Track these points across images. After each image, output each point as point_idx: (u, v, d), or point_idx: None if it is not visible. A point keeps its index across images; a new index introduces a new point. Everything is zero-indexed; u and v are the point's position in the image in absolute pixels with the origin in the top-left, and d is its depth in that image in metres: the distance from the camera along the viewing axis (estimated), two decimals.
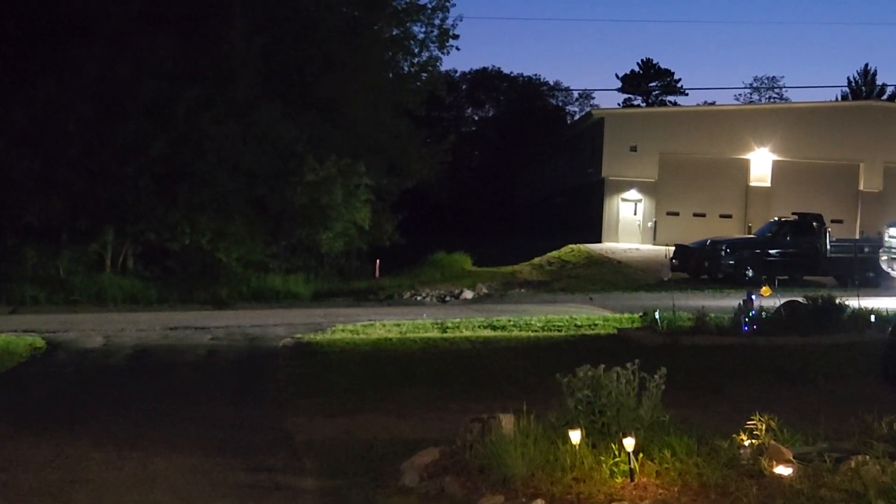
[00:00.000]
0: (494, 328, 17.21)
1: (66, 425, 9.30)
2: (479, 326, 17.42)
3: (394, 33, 40.77)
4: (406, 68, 42.13)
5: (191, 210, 29.90)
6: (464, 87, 70.17)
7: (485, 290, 28.61)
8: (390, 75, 40.94)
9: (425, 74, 42.48)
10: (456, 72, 68.00)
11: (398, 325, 17.78)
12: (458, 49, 51.84)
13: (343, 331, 16.87)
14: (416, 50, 41.51)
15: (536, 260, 39.03)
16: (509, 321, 18.21)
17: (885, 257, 21.86)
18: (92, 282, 27.52)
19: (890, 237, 22.20)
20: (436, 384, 11.29)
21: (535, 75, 74.42)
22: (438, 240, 40.61)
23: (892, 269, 21.74)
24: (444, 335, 16.26)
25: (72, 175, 28.26)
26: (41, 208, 27.83)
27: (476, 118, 73.89)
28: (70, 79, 27.86)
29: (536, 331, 16.75)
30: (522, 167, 65.12)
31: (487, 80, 71.54)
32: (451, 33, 41.23)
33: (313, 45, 34.60)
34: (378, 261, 31.12)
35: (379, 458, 7.57)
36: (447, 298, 26.82)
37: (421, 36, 41.26)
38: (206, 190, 30.14)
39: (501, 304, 24.75)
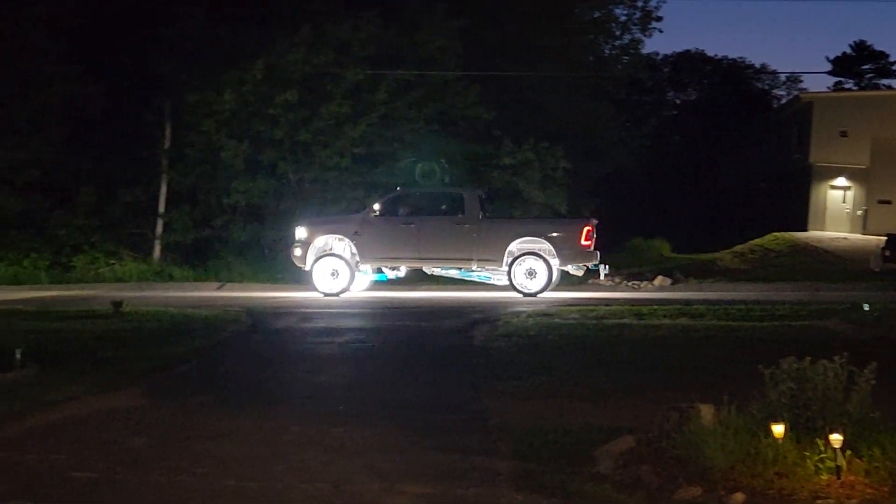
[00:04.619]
0: (692, 316, 16.79)
1: (266, 400, 9.59)
2: (675, 314, 17.04)
3: (595, 16, 40.37)
4: (607, 51, 41.69)
5: (389, 192, 30.42)
6: (665, 70, 68.87)
7: (682, 277, 28.06)
8: (591, 58, 40.57)
9: (626, 57, 41.95)
10: (658, 55, 66.75)
11: (594, 309, 17.59)
12: (660, 31, 50.91)
13: (538, 315, 16.79)
14: (618, 33, 41.01)
15: (738, 247, 38.12)
16: (707, 309, 17.73)
17: (297, 252, 22.80)
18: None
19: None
20: (631, 371, 11.11)
21: (741, 58, 72.20)
22: (636, 225, 40.11)
23: (297, 262, 22.91)
24: (641, 322, 15.98)
25: (277, 157, 29.30)
26: (247, 189, 28.96)
27: (678, 102, 72.45)
28: (277, 63, 28.83)
29: (736, 319, 16.25)
30: (724, 152, 63.60)
31: (690, 64, 70.00)
32: (654, 15, 40.57)
33: (512, 29, 34.59)
34: None
35: (573, 444, 7.49)
36: (643, 284, 26.43)
37: (623, 18, 40.75)
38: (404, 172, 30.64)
39: (699, 291, 24.21)
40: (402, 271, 23.35)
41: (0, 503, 6.04)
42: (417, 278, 24.63)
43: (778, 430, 6.58)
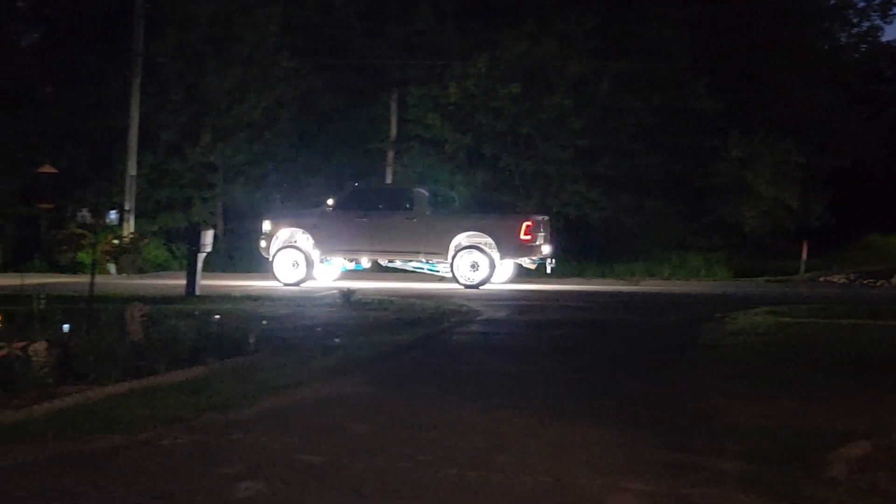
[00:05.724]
0: None
1: (487, 390, 9.62)
2: None
3: (831, 3, 38.82)
4: (843, 40, 39.97)
5: (610, 185, 30.25)
6: None
7: None
8: (825, 47, 39.04)
9: (864, 46, 40.11)
10: None
11: (825, 308, 16.92)
12: None
13: (766, 312, 16.27)
14: (856, 20, 39.24)
15: None
16: None
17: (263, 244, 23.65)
18: None
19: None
20: (865, 373, 10.58)
21: None
22: (873, 221, 38.35)
23: (263, 253, 23.94)
24: (877, 322, 15.24)
25: (499, 149, 29.61)
26: (470, 181, 29.47)
27: None
28: (501, 56, 29.10)
29: None
30: None
31: None
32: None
33: (743, 17, 33.66)
34: (805, 242, 29.76)
35: (803, 447, 7.17)
36: (879, 283, 25.29)
37: (861, 5, 38.95)
38: (626, 165, 30.35)
39: None
40: (367, 263, 24.15)
41: (234, 482, 6.26)
42: (374, 269, 25.17)
43: None
